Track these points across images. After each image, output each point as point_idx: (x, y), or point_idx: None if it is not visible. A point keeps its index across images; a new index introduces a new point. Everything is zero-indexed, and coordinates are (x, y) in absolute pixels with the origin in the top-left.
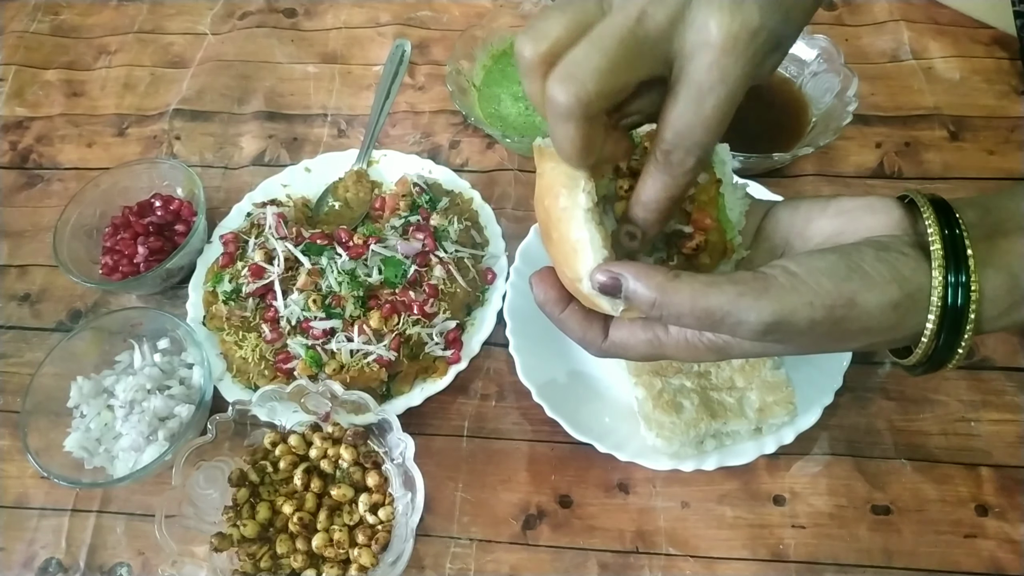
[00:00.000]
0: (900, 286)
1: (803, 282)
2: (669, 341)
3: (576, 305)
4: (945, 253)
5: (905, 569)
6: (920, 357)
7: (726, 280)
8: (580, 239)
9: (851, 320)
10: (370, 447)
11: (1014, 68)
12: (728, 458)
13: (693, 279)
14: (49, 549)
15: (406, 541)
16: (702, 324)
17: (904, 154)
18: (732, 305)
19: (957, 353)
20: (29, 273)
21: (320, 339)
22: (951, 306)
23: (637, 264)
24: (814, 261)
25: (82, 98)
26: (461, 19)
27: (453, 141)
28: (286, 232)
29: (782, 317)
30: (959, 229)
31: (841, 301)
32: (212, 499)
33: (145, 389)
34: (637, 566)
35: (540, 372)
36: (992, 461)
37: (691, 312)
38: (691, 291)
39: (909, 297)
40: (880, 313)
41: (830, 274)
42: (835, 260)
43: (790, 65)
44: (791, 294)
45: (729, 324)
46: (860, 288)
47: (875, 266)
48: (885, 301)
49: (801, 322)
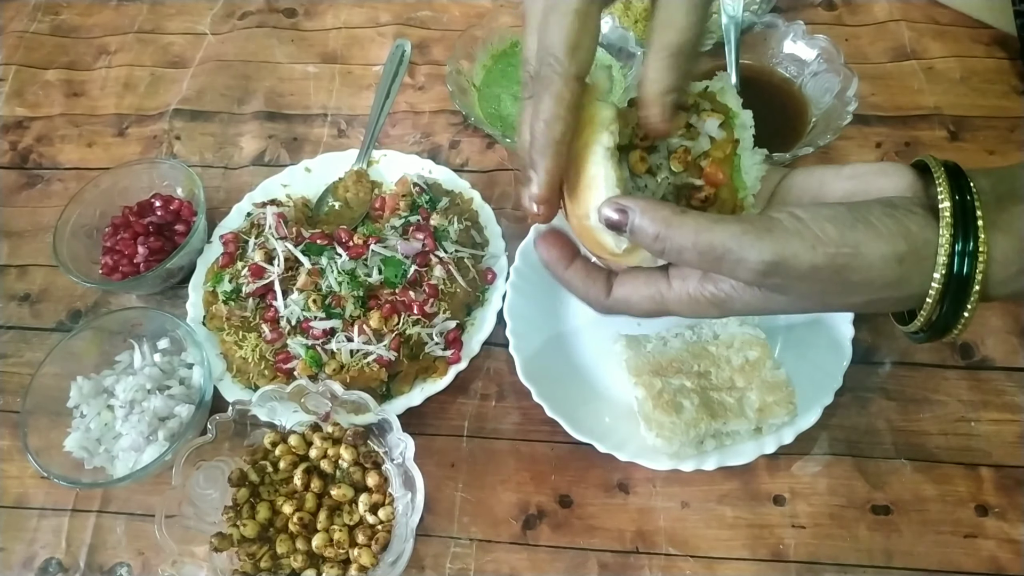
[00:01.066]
0: (906, 239)
1: (807, 226)
2: (671, 296)
3: (579, 263)
4: (954, 211)
5: (905, 569)
6: (923, 322)
7: (731, 219)
8: (596, 175)
9: (853, 269)
10: (370, 447)
11: (1014, 68)
12: (728, 458)
13: (698, 215)
14: (49, 549)
15: (406, 541)
16: (703, 260)
17: (904, 154)
18: (734, 242)
19: (962, 318)
20: (29, 273)
21: (320, 339)
22: (957, 267)
23: (645, 199)
24: (821, 209)
25: (82, 98)
26: (461, 19)
27: (453, 141)
28: (286, 232)
29: (783, 258)
30: (970, 194)
31: (844, 248)
32: (212, 499)
33: (145, 389)
34: (637, 566)
35: (540, 372)
36: (992, 461)
37: (693, 246)
38: (695, 225)
39: (914, 252)
40: (883, 264)
41: (835, 221)
42: (842, 210)
43: (790, 65)
44: (794, 237)
45: (730, 261)
46: (865, 238)
47: (881, 219)
48: (889, 252)
49: (802, 265)
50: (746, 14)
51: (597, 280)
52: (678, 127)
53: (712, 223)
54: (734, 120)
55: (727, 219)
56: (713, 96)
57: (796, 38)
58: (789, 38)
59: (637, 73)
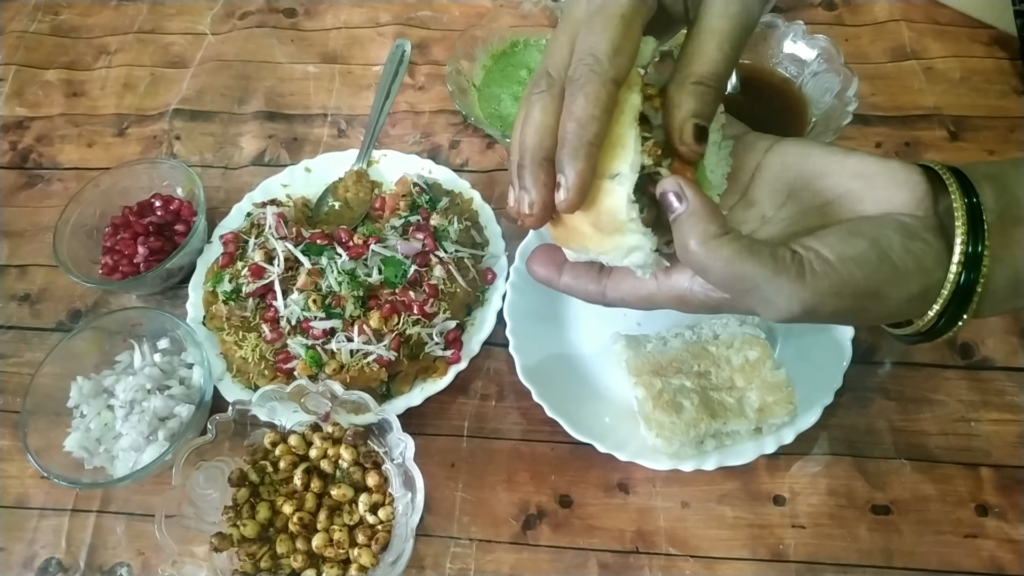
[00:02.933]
0: (921, 280)
1: (836, 271)
2: (660, 295)
3: (568, 271)
4: (966, 250)
5: (905, 569)
6: (918, 328)
7: (768, 252)
8: (624, 135)
9: (872, 309)
10: (370, 447)
11: (1014, 68)
12: (728, 458)
13: (735, 241)
14: (49, 549)
15: (406, 541)
16: (727, 285)
17: (904, 154)
18: (766, 282)
19: (951, 332)
20: (29, 273)
21: (320, 339)
22: (960, 291)
23: (708, 201)
24: (845, 249)
25: (82, 98)
26: (461, 19)
27: (453, 141)
28: (286, 232)
29: (812, 307)
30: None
31: (868, 292)
32: (212, 499)
33: (145, 389)
34: (637, 566)
35: (540, 372)
36: (992, 461)
37: (721, 272)
38: (730, 255)
39: (926, 291)
40: (898, 304)
41: (862, 264)
42: (866, 249)
43: (790, 65)
44: (823, 281)
45: (757, 298)
46: (886, 280)
47: (903, 257)
48: (905, 295)
49: (827, 309)
50: None
51: (590, 284)
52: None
53: (748, 252)
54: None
55: (762, 250)
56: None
57: (796, 38)
58: (789, 38)
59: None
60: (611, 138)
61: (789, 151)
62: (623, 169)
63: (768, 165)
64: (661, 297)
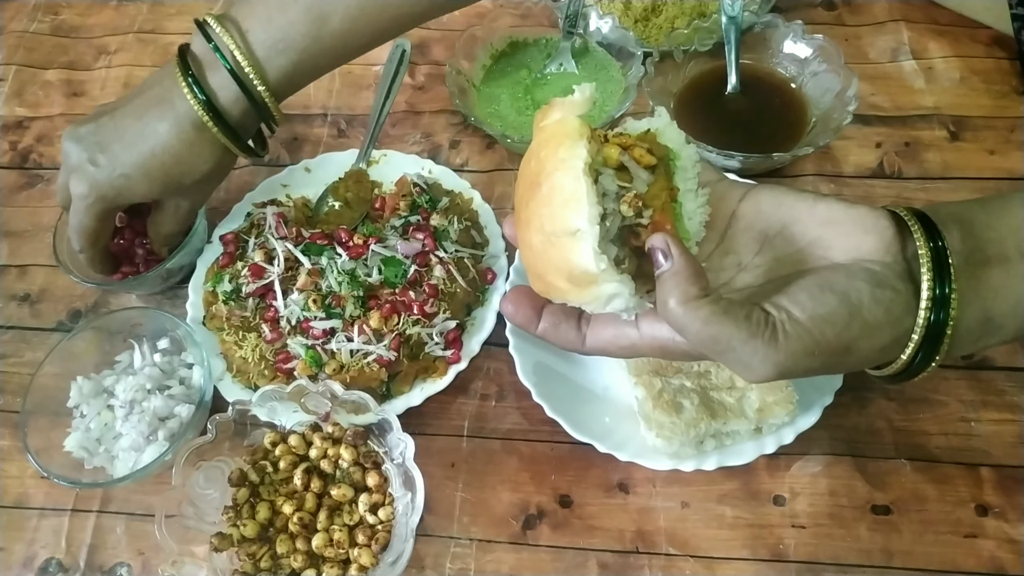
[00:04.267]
0: (892, 329)
1: (808, 332)
2: (643, 344)
3: (548, 318)
4: (933, 294)
5: (905, 569)
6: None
7: (742, 314)
8: (576, 190)
9: (843, 363)
10: (370, 447)
11: (1014, 68)
12: (728, 458)
13: (715, 303)
14: (49, 549)
15: (406, 541)
16: (704, 346)
17: (904, 154)
18: (741, 346)
19: (926, 372)
20: (29, 273)
21: (320, 339)
22: (931, 333)
23: (692, 261)
24: (817, 307)
25: (82, 98)
26: (461, 19)
27: (453, 141)
28: (286, 232)
29: (785, 369)
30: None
31: (840, 349)
32: (212, 499)
33: (145, 389)
34: (637, 566)
35: (540, 372)
36: (992, 461)
37: (698, 333)
38: (707, 317)
39: (896, 341)
40: (869, 355)
41: (834, 323)
42: (836, 306)
43: (790, 65)
44: (795, 343)
45: (731, 359)
46: (858, 336)
47: (872, 310)
48: (877, 346)
49: (800, 368)
50: (746, 14)
51: (569, 332)
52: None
53: (724, 316)
54: (675, 162)
55: (737, 312)
56: (653, 138)
57: (796, 38)
58: (789, 38)
59: (636, 72)
60: (564, 194)
61: (763, 198)
62: (581, 224)
63: (743, 214)
64: (643, 346)
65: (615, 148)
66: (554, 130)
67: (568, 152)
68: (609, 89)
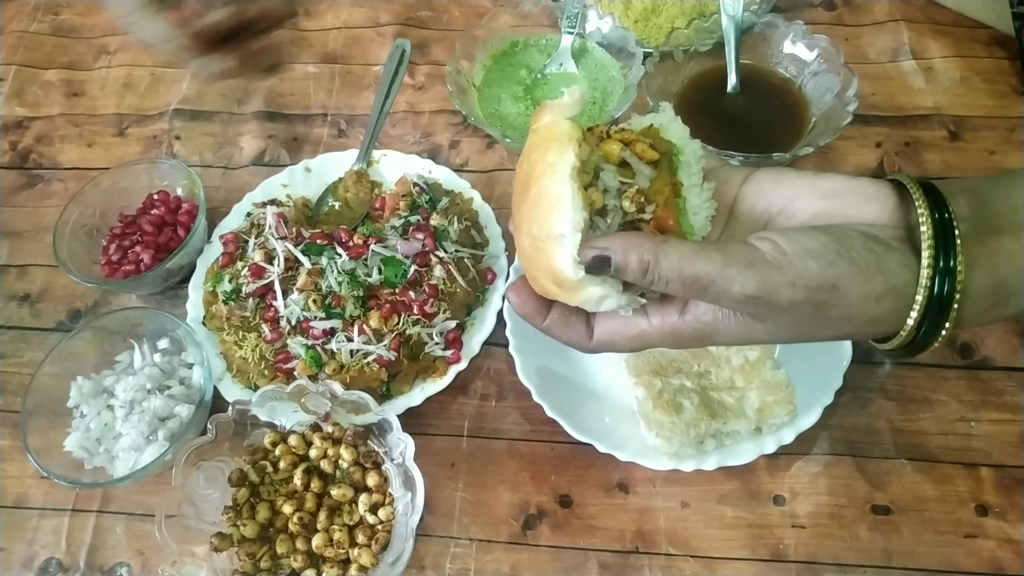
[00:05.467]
0: (885, 279)
1: (790, 261)
2: (653, 332)
3: (556, 311)
4: (935, 255)
5: (905, 569)
6: (899, 342)
7: (714, 248)
8: (562, 195)
9: (832, 305)
10: (370, 447)
11: (1014, 68)
12: (728, 458)
13: (681, 244)
14: (49, 549)
15: (406, 541)
16: (687, 290)
17: (904, 154)
18: (718, 274)
19: (934, 343)
20: (29, 273)
21: (320, 339)
22: (936, 296)
23: (624, 234)
24: (804, 240)
25: (82, 98)
26: (461, 19)
27: (453, 141)
28: (286, 232)
29: (764, 293)
30: (951, 227)
31: (824, 285)
32: (212, 499)
33: (145, 389)
34: (637, 566)
35: (540, 372)
36: (992, 461)
37: (679, 278)
38: (679, 256)
39: (892, 291)
40: (861, 302)
41: (818, 257)
42: (825, 242)
43: (790, 65)
44: (775, 271)
45: (713, 292)
46: (845, 275)
47: (863, 255)
48: (868, 291)
49: (782, 300)
50: (746, 14)
51: (576, 326)
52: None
53: (695, 254)
54: (678, 157)
55: (709, 248)
56: (656, 133)
57: (796, 38)
58: (789, 38)
59: (636, 72)
60: (550, 199)
61: (763, 180)
62: (564, 230)
63: (744, 197)
64: (653, 334)
65: (617, 144)
66: (544, 133)
67: (556, 156)
68: (609, 89)
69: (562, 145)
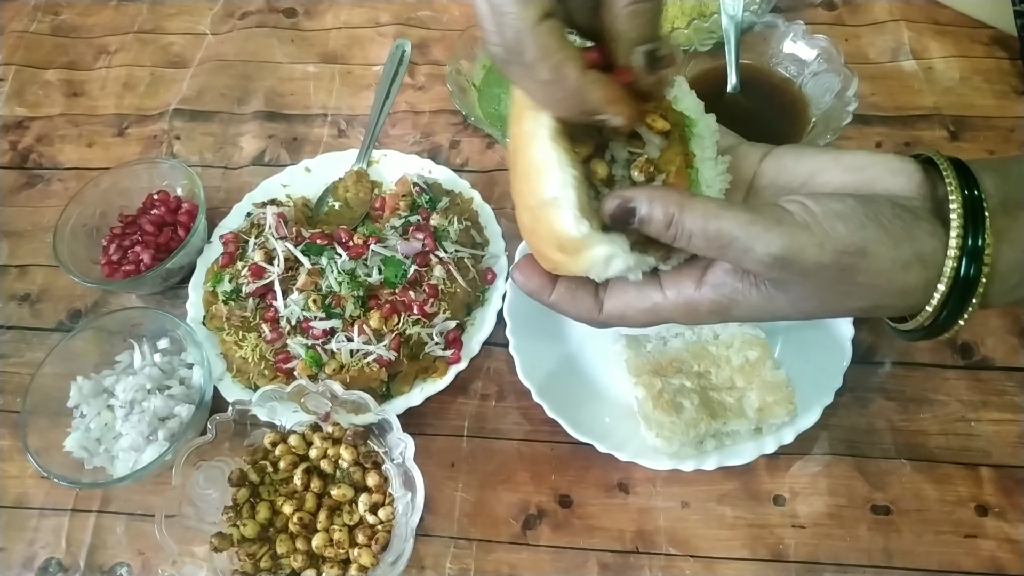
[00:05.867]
0: (913, 246)
1: (818, 222)
2: (667, 305)
3: (563, 284)
4: (964, 225)
5: (905, 569)
6: (921, 323)
7: (741, 206)
8: (545, 159)
9: (859, 271)
10: (370, 447)
11: (1014, 68)
12: (728, 458)
13: (707, 200)
14: (49, 549)
15: (406, 541)
16: (710, 246)
17: (904, 154)
18: (742, 231)
19: (958, 324)
20: (29, 273)
21: (320, 339)
22: (963, 277)
23: (649, 187)
24: (833, 204)
25: (82, 98)
26: (461, 19)
27: (453, 141)
28: (286, 232)
29: (790, 253)
30: (980, 201)
31: (852, 248)
32: (212, 499)
33: (145, 389)
34: (637, 566)
35: (540, 372)
36: (992, 461)
37: (702, 232)
38: (704, 211)
39: (920, 260)
40: (890, 269)
41: (847, 220)
42: (854, 205)
43: (790, 65)
44: (803, 232)
45: (736, 250)
46: (874, 239)
47: (892, 221)
48: (896, 257)
49: (808, 262)
50: (746, 14)
51: (585, 298)
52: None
53: (721, 209)
54: (691, 129)
55: (735, 207)
56: (668, 105)
57: (796, 38)
58: (789, 38)
59: None
60: (536, 166)
61: (785, 155)
62: (555, 191)
63: (764, 171)
64: (667, 307)
65: None
66: (519, 104)
67: (532, 123)
68: None
69: (535, 112)
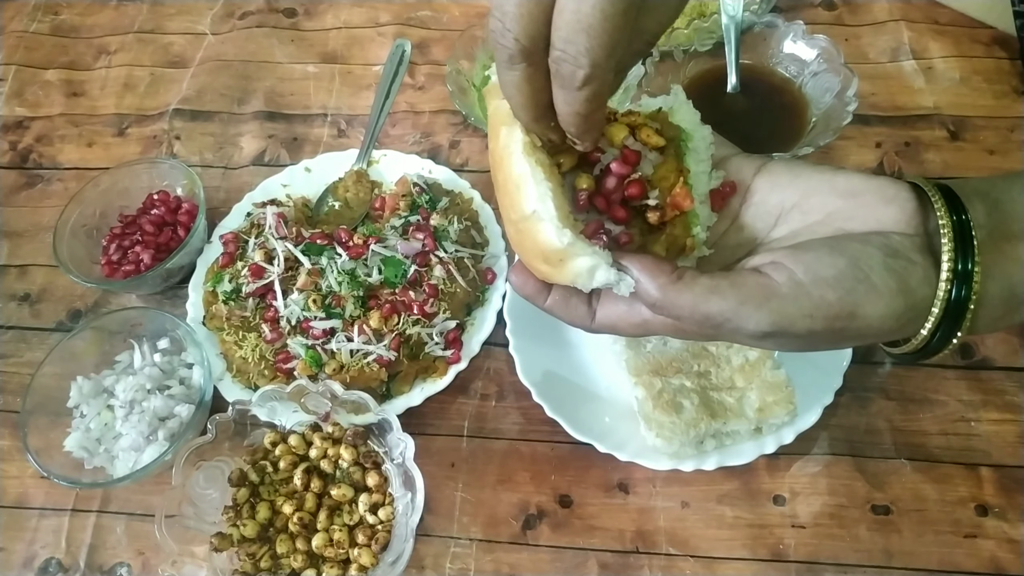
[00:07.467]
0: (906, 298)
1: (807, 293)
2: (655, 321)
3: (557, 292)
4: (954, 267)
5: (905, 569)
6: (915, 346)
7: (729, 285)
8: (521, 174)
9: (850, 329)
10: (370, 447)
11: (1014, 68)
12: (728, 458)
13: (695, 282)
14: (49, 549)
15: (406, 541)
16: (702, 329)
17: (904, 154)
18: (732, 313)
19: (946, 350)
20: (29, 273)
21: (320, 339)
22: (951, 309)
23: (644, 258)
24: (821, 268)
25: (82, 98)
26: (461, 19)
27: (453, 141)
28: (286, 232)
29: (780, 327)
30: (970, 234)
31: (843, 314)
32: (212, 499)
33: (145, 389)
34: (637, 566)
35: (540, 372)
36: (992, 461)
37: (691, 316)
38: (693, 296)
39: (912, 308)
40: (880, 323)
41: (835, 285)
42: (843, 268)
43: (790, 65)
44: (792, 304)
45: (727, 330)
46: (864, 301)
47: (883, 276)
48: (888, 313)
49: (799, 331)
50: (746, 14)
51: (579, 306)
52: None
53: (709, 294)
54: (686, 143)
55: (724, 285)
56: (665, 117)
57: (796, 38)
58: (789, 38)
59: (636, 72)
60: (514, 181)
61: (778, 172)
62: (534, 205)
63: (757, 188)
64: (655, 323)
65: (623, 128)
66: (493, 120)
67: (507, 138)
68: None
69: (508, 127)
